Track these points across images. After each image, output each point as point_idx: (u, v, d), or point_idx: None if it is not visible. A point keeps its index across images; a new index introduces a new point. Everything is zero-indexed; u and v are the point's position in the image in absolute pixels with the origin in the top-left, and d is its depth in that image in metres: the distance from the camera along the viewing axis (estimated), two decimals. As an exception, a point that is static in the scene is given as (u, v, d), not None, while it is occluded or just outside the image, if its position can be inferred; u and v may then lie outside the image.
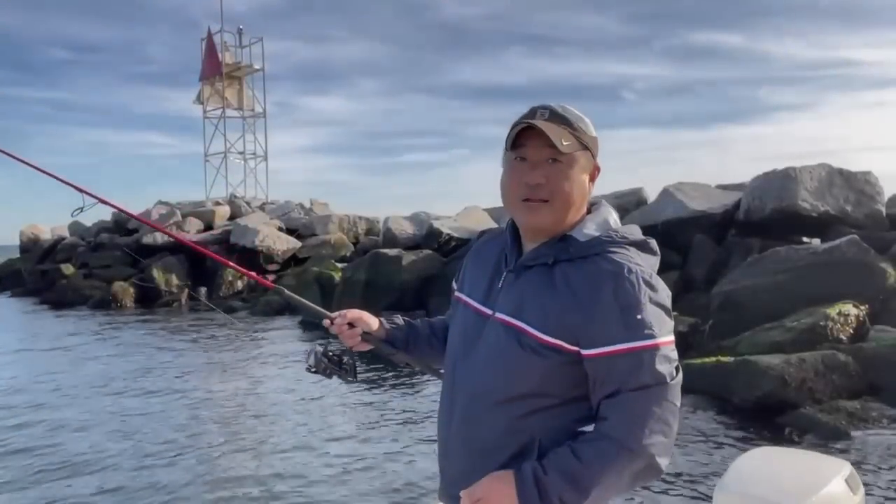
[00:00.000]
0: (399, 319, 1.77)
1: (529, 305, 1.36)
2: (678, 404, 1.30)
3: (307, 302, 1.87)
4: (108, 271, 19.77)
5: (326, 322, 1.73)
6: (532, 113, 1.40)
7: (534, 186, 1.37)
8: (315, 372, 1.75)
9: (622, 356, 1.27)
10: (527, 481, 1.28)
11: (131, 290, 17.89)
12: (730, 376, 6.27)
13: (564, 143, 1.35)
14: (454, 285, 1.67)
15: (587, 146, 1.40)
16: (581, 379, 1.34)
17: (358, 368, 1.76)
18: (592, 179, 1.45)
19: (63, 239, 25.19)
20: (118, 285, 17.94)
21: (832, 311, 7.14)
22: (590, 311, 1.29)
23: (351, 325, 1.70)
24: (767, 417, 5.76)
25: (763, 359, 6.26)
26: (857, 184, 10.41)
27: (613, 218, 1.45)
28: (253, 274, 2.10)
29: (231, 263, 2.19)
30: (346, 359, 1.75)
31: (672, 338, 1.31)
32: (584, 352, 1.30)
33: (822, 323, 7.03)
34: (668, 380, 1.28)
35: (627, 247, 1.37)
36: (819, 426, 5.46)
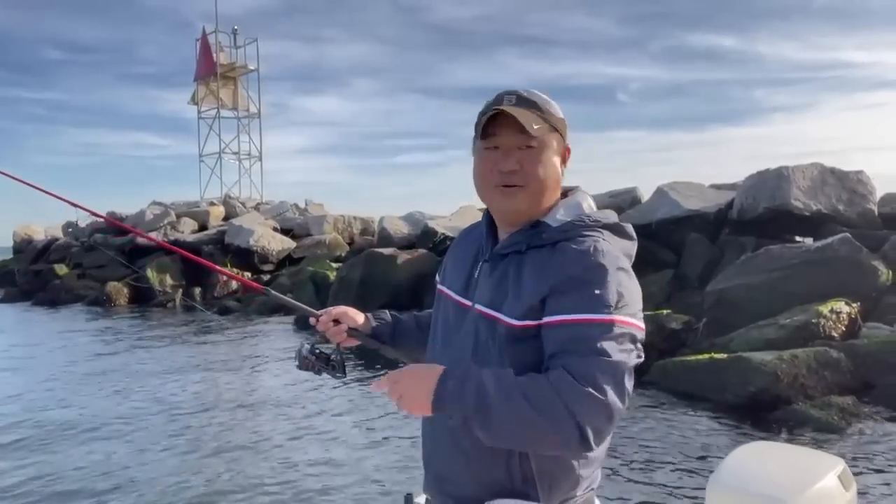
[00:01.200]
0: (385, 314, 1.77)
1: (504, 295, 1.36)
2: (624, 388, 1.21)
3: (294, 301, 1.90)
4: (102, 271, 19.72)
5: (312, 320, 1.74)
6: (499, 99, 1.40)
7: (508, 173, 1.37)
8: (304, 370, 1.77)
9: (575, 325, 1.24)
10: (451, 378, 1.23)
11: (125, 290, 17.85)
12: (723, 373, 6.31)
13: (535, 127, 1.35)
14: (437, 278, 1.68)
15: (556, 128, 1.40)
16: None
17: (346, 364, 1.77)
18: (564, 162, 1.44)
19: (57, 239, 25.12)
20: (112, 285, 17.89)
21: (825, 309, 7.19)
22: (554, 286, 1.28)
23: (336, 321, 1.71)
24: (760, 413, 5.80)
25: (756, 355, 6.30)
26: (850, 183, 10.47)
27: (588, 203, 1.44)
28: (241, 277, 2.15)
29: (219, 268, 2.23)
30: (333, 355, 1.76)
31: (633, 320, 1.27)
32: (544, 320, 1.28)
33: (814, 320, 7.08)
34: (617, 357, 1.22)
35: (600, 230, 1.36)
36: (811, 422, 5.50)
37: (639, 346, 1.28)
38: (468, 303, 1.45)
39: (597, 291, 1.25)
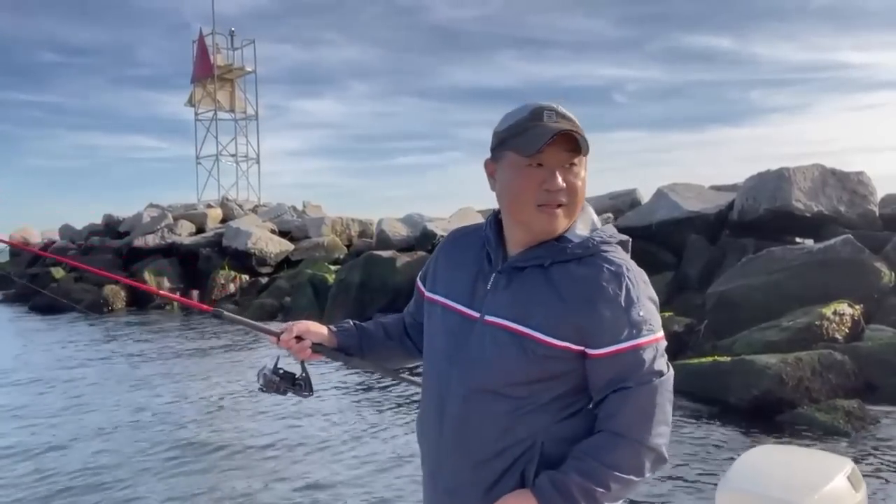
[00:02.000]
0: (349, 324, 1.72)
1: (533, 310, 1.34)
2: (672, 392, 1.36)
3: (250, 321, 1.83)
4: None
5: (272, 339, 1.67)
6: (539, 115, 1.34)
7: (556, 192, 1.34)
8: (268, 392, 1.66)
9: (628, 353, 1.30)
10: (545, 489, 1.27)
11: (122, 293, 17.76)
12: (726, 376, 6.24)
13: (584, 148, 1.35)
14: (419, 284, 1.62)
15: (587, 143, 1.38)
16: (578, 377, 1.35)
17: (313, 381, 1.69)
18: None
19: (53, 242, 25.04)
20: (109, 288, 17.79)
21: (827, 311, 7.14)
22: (597, 311, 1.30)
23: (299, 337, 1.64)
24: (765, 417, 5.73)
25: (760, 358, 6.23)
26: (851, 184, 10.42)
27: (594, 215, 1.46)
28: (190, 301, 2.12)
29: (146, 286, 2.17)
30: (298, 374, 1.67)
31: (662, 331, 1.38)
32: (592, 352, 1.31)
33: (817, 322, 7.03)
34: (667, 371, 1.34)
35: (615, 245, 1.39)
36: (817, 425, 5.45)
37: None
38: (475, 314, 1.41)
39: (641, 314, 1.32)
